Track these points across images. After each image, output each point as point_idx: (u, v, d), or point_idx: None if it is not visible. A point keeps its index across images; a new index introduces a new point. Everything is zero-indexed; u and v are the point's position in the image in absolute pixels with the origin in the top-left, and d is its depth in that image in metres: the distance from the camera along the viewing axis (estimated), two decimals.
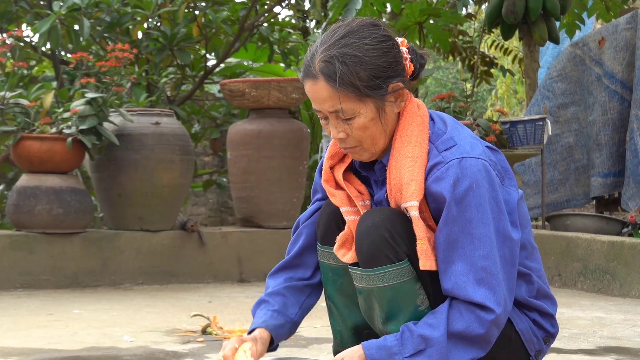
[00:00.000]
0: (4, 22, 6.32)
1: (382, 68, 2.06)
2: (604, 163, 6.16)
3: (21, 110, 5.13)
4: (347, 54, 2.03)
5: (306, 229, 2.33)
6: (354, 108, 2.06)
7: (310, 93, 2.09)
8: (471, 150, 2.06)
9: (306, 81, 2.09)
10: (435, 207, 2.07)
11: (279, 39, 6.94)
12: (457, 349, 2.04)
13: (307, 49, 2.12)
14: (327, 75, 2.04)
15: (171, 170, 5.32)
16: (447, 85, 18.04)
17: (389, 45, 2.08)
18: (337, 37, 2.07)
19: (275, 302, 2.28)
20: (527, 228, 2.18)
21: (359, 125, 2.08)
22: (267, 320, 2.25)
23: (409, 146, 2.09)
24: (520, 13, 6.61)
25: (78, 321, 3.82)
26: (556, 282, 5.17)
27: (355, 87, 2.03)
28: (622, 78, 6.11)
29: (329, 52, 2.05)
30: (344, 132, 2.09)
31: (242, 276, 5.44)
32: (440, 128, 2.13)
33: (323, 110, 2.09)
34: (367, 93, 2.05)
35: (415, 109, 2.13)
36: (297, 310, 2.31)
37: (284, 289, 2.30)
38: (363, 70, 2.04)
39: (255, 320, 2.27)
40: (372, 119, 2.08)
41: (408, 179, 2.06)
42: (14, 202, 5.02)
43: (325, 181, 2.23)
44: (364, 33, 2.07)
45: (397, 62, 2.09)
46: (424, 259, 2.05)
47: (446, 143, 2.08)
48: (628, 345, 3.28)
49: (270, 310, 2.27)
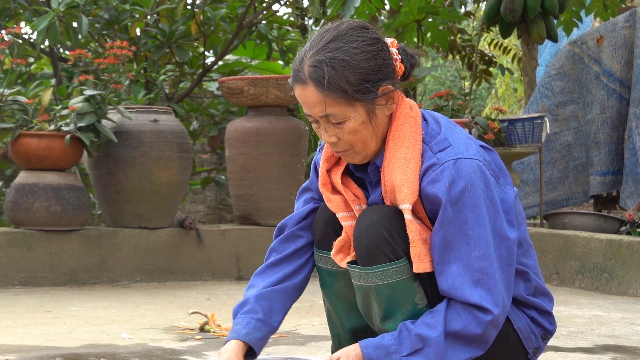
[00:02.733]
0: (2, 19, 6.32)
1: (371, 71, 2.05)
2: (603, 161, 6.16)
3: (19, 107, 5.13)
4: (335, 59, 2.02)
5: (302, 231, 2.31)
6: (343, 112, 2.05)
7: (300, 98, 2.08)
8: (466, 151, 2.06)
9: (296, 86, 2.08)
10: (430, 208, 2.07)
11: (278, 36, 6.94)
12: (454, 348, 2.04)
13: (297, 53, 2.12)
14: (315, 80, 2.03)
15: (169, 167, 5.32)
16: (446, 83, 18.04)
17: (378, 48, 2.07)
18: (325, 41, 2.06)
19: (259, 309, 2.24)
20: (523, 225, 2.19)
21: (350, 129, 2.07)
22: (251, 333, 2.21)
23: (401, 148, 2.08)
24: (518, 11, 6.60)
25: (76, 318, 3.81)
26: (554, 281, 5.17)
27: (344, 91, 2.03)
28: (621, 76, 6.11)
29: (317, 56, 2.04)
30: (335, 136, 2.09)
31: (240, 274, 5.44)
32: (433, 129, 2.12)
33: (313, 115, 2.08)
34: (356, 97, 2.04)
35: (407, 110, 2.13)
36: (280, 318, 2.27)
37: (272, 292, 2.26)
38: (352, 75, 2.03)
39: (237, 329, 2.22)
40: (363, 123, 2.07)
41: (400, 181, 2.06)
42: (12, 199, 5.02)
43: (322, 185, 2.22)
44: (353, 36, 2.05)
45: (386, 65, 2.07)
46: (417, 262, 2.05)
47: (440, 144, 2.08)
48: (626, 343, 3.29)
49: (253, 318, 2.23)
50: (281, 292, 2.27)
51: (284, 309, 2.28)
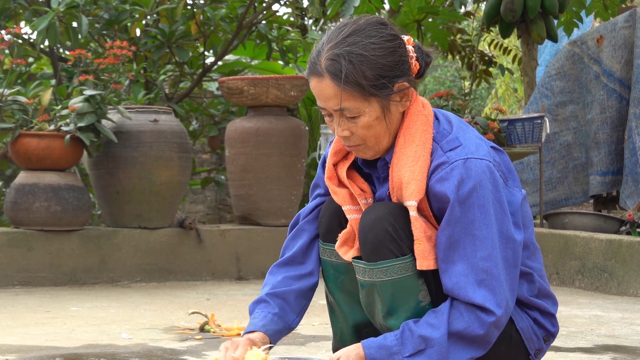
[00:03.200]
0: (2, 19, 6.31)
1: (388, 67, 2.05)
2: (603, 161, 6.16)
3: (19, 107, 5.13)
4: (353, 53, 2.03)
5: (308, 225, 2.32)
6: (358, 107, 2.05)
7: (315, 90, 2.08)
8: (476, 151, 2.06)
9: (312, 78, 2.08)
10: (438, 206, 2.07)
11: (277, 36, 6.94)
12: (457, 348, 2.04)
13: (313, 46, 2.12)
14: (332, 73, 2.03)
15: (169, 167, 5.32)
16: (446, 83, 18.03)
17: (395, 45, 2.07)
18: (343, 35, 2.06)
19: (275, 305, 2.25)
20: (530, 228, 2.18)
21: (364, 124, 2.07)
22: (267, 325, 2.22)
23: (411, 145, 2.09)
24: (518, 11, 6.60)
25: (76, 318, 3.81)
26: (554, 281, 5.17)
27: (360, 86, 2.03)
28: (621, 76, 6.11)
29: (335, 50, 2.04)
30: (348, 130, 2.09)
31: (240, 274, 5.44)
32: (445, 128, 2.12)
33: (327, 108, 2.08)
34: (372, 92, 2.04)
35: (420, 108, 2.13)
36: (295, 318, 2.28)
37: (286, 292, 2.27)
38: (369, 70, 2.03)
39: (254, 322, 2.24)
40: (377, 118, 2.07)
41: (408, 178, 2.06)
42: (12, 200, 5.02)
43: (328, 178, 2.22)
44: (371, 32, 2.06)
45: (403, 62, 2.08)
46: (421, 259, 2.05)
47: (451, 143, 2.08)
48: (626, 343, 3.29)
49: (270, 313, 2.24)
50: (295, 292, 2.28)
51: (299, 308, 2.29)
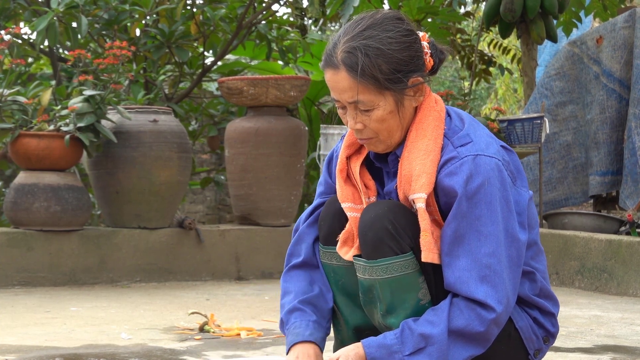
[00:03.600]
0: (1, 19, 6.31)
1: (404, 62, 2.06)
2: (602, 161, 6.16)
3: (19, 107, 5.13)
4: (369, 46, 2.04)
5: (308, 228, 2.31)
6: (373, 100, 2.06)
7: (330, 82, 2.09)
8: (486, 149, 2.07)
9: (327, 70, 2.09)
10: (445, 200, 2.07)
11: (277, 36, 6.94)
12: (456, 346, 2.04)
13: (329, 39, 2.13)
14: (348, 66, 2.04)
15: (169, 167, 5.32)
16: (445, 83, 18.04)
17: (411, 40, 2.09)
18: (360, 28, 2.07)
19: (310, 312, 2.24)
20: (535, 229, 2.19)
21: (377, 118, 2.08)
22: (314, 334, 2.21)
23: (423, 139, 2.09)
24: (518, 11, 6.60)
25: (75, 319, 3.81)
26: (554, 281, 5.17)
27: (376, 79, 2.04)
28: (620, 76, 6.11)
29: (351, 42, 2.05)
30: (361, 123, 2.10)
31: (239, 274, 5.44)
32: (457, 125, 2.13)
33: (342, 100, 2.09)
34: (387, 86, 2.05)
35: (432, 104, 2.15)
36: (327, 323, 2.27)
37: (313, 298, 2.25)
38: (385, 63, 2.04)
39: (299, 331, 2.21)
40: (391, 112, 2.08)
41: (419, 171, 2.06)
42: (11, 200, 5.02)
43: (339, 171, 2.23)
44: (388, 26, 2.07)
45: (418, 57, 2.10)
46: (426, 251, 2.05)
47: (462, 139, 2.09)
48: (625, 343, 3.29)
49: (310, 321, 2.22)
50: (320, 297, 2.27)
51: (328, 313, 2.28)
